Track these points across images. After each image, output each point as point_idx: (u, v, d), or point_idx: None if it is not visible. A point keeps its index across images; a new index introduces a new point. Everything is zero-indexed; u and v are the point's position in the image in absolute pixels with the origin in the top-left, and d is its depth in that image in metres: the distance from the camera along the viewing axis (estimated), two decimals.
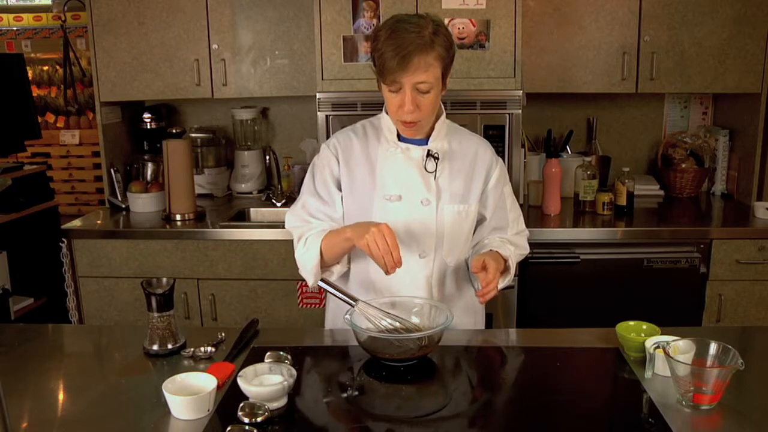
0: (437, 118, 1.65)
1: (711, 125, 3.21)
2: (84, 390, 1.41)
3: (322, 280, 1.57)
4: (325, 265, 1.63)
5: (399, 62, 1.46)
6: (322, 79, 2.60)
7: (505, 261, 1.62)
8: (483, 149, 1.71)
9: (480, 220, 1.73)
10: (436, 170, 1.64)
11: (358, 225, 1.54)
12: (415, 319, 1.56)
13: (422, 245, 1.64)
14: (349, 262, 1.71)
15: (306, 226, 1.68)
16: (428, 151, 1.64)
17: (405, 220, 1.63)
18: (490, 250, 1.62)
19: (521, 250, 1.76)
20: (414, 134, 1.64)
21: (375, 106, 1.81)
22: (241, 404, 1.23)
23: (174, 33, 2.91)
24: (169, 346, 1.52)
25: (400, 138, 1.66)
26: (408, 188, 1.64)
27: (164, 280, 1.53)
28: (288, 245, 2.65)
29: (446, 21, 2.51)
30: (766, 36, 2.76)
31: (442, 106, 1.68)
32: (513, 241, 1.73)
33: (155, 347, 1.52)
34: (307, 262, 1.62)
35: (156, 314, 1.51)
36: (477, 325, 1.78)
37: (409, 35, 1.47)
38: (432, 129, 1.65)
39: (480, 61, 2.56)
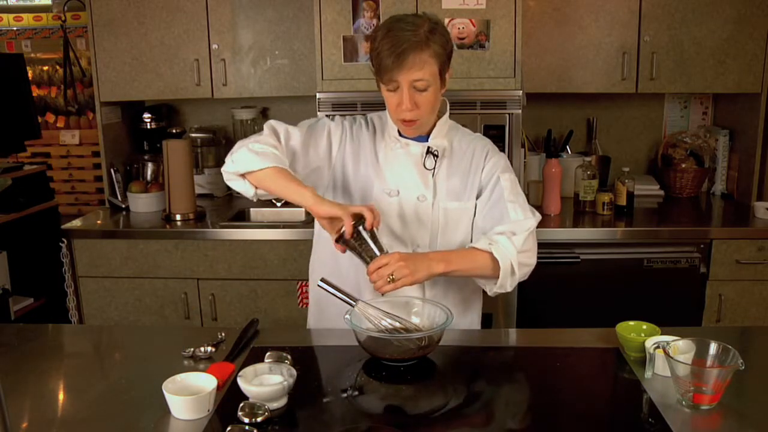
0: (440, 116, 1.66)
1: (711, 125, 3.21)
2: (84, 390, 1.41)
3: (322, 280, 1.56)
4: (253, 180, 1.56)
5: (394, 60, 1.47)
6: (322, 79, 2.60)
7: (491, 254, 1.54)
8: (480, 146, 1.70)
9: (477, 213, 1.68)
10: (435, 167, 1.65)
11: (327, 203, 1.49)
12: (415, 319, 1.56)
13: (416, 240, 1.65)
14: None
15: (277, 147, 1.58)
16: (428, 148, 1.65)
17: (401, 214, 1.64)
18: (471, 246, 1.58)
19: (521, 228, 1.58)
20: (414, 133, 1.64)
21: (375, 106, 1.81)
22: (241, 404, 1.23)
23: (174, 33, 2.91)
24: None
25: (401, 134, 1.66)
26: (405, 184, 1.65)
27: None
28: (288, 245, 2.68)
29: (446, 21, 2.51)
30: (766, 36, 2.76)
31: (447, 105, 1.69)
32: (513, 229, 1.59)
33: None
34: (248, 162, 1.54)
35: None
36: (472, 325, 1.77)
37: (404, 33, 1.48)
38: (433, 126, 1.65)
39: (480, 61, 2.55)
